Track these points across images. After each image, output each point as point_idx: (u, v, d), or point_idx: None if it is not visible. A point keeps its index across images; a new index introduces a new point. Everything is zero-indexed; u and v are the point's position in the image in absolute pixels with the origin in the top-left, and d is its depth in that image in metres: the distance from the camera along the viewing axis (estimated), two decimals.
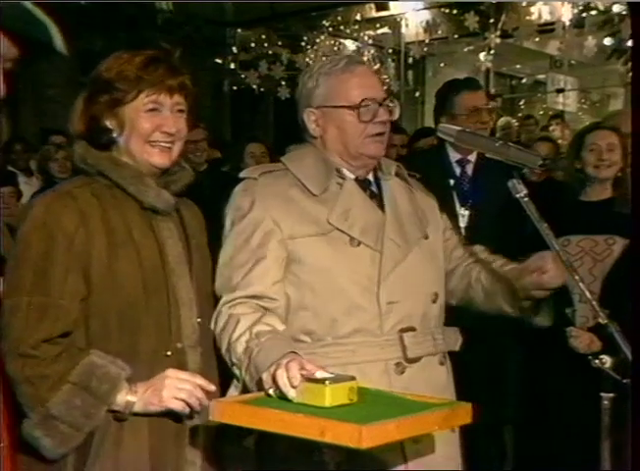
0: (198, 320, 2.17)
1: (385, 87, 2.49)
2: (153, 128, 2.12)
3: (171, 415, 2.05)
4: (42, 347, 1.95)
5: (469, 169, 4.06)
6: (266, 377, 1.97)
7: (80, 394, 1.95)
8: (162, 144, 2.14)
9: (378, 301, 2.25)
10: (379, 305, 2.25)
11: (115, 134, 2.14)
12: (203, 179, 5.86)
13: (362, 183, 2.38)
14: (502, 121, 8.50)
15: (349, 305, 2.24)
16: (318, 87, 2.35)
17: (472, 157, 4.05)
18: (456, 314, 2.55)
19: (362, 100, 2.29)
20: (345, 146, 2.33)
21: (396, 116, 2.39)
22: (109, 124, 2.14)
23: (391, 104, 2.36)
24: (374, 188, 2.40)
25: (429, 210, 2.50)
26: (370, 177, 2.41)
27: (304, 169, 2.34)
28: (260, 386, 2.00)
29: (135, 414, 2.02)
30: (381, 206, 2.37)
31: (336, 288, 2.24)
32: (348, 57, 2.41)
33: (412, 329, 2.28)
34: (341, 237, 2.26)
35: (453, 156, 4.06)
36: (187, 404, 2.00)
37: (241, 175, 2.38)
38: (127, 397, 1.99)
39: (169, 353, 2.09)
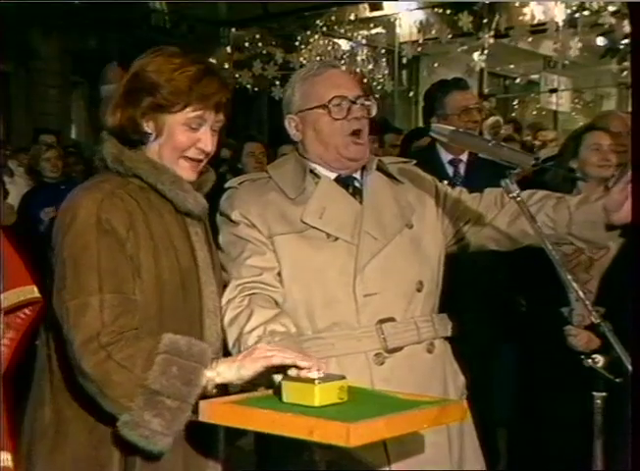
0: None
1: (361, 87, 2.47)
2: (190, 143, 2.04)
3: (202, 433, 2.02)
4: (123, 335, 1.87)
5: (462, 169, 4.05)
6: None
7: (174, 362, 1.86)
8: (194, 159, 2.06)
9: (354, 294, 2.27)
10: (355, 298, 2.27)
11: (150, 139, 2.05)
12: None
13: (345, 181, 2.41)
14: (490, 120, 8.51)
15: (327, 299, 2.27)
16: (295, 95, 2.40)
17: (464, 157, 4.04)
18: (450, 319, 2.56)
19: (332, 98, 2.32)
20: (324, 147, 2.37)
21: (373, 113, 2.39)
22: (146, 126, 2.03)
23: (366, 102, 2.37)
24: (358, 184, 2.42)
25: (417, 198, 2.49)
26: (357, 174, 2.43)
27: (284, 174, 2.39)
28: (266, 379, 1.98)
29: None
30: (363, 201, 2.39)
31: (313, 283, 2.27)
32: (322, 62, 2.50)
33: (392, 319, 2.28)
34: (317, 234, 2.30)
35: (445, 156, 4.06)
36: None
37: (226, 185, 2.42)
38: (207, 374, 1.90)
39: None
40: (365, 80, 10.44)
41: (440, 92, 4.18)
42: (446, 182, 3.98)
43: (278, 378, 1.90)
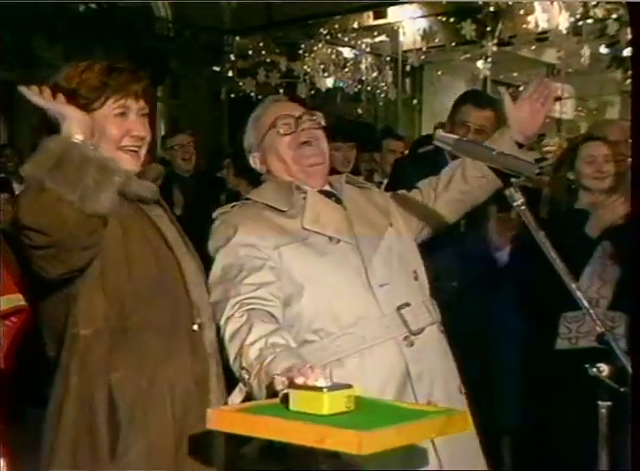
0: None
1: (305, 108, 2.65)
2: (123, 133, 2.17)
3: (193, 385, 2.13)
4: None
5: None
6: (280, 372, 2.00)
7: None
8: (132, 149, 2.18)
9: (370, 287, 2.41)
10: (372, 290, 2.41)
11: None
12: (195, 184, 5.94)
13: (325, 194, 2.57)
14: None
15: (347, 297, 2.40)
16: (250, 134, 2.63)
17: None
18: (452, 328, 2.62)
19: (277, 117, 2.54)
20: (286, 165, 2.54)
21: (322, 123, 2.58)
22: None
23: (313, 116, 2.57)
24: (336, 195, 2.59)
25: (385, 200, 2.70)
26: (327, 188, 2.60)
27: (269, 194, 2.53)
28: (269, 391, 2.02)
29: (157, 384, 2.07)
30: (346, 208, 2.56)
31: (330, 285, 2.40)
32: (265, 100, 2.74)
33: (408, 304, 2.43)
34: (319, 240, 2.44)
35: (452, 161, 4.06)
36: None
37: (215, 214, 2.53)
38: None
39: (195, 328, 2.16)
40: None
41: (458, 101, 4.19)
42: None
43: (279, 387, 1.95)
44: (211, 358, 2.21)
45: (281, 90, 11.05)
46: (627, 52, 8.67)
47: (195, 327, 2.15)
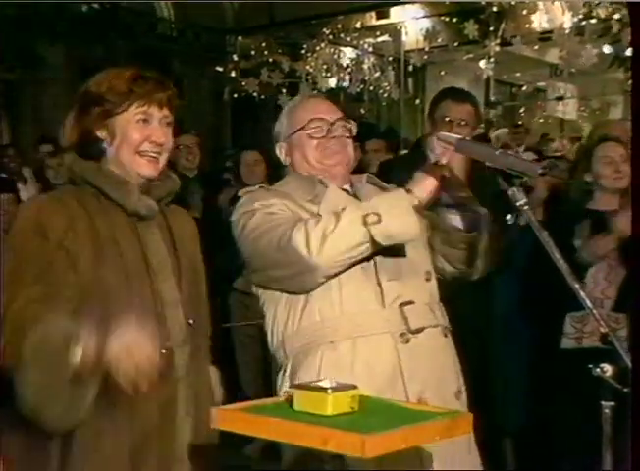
0: (190, 321, 2.27)
1: (341, 111, 2.66)
2: (143, 138, 2.23)
3: (156, 408, 2.13)
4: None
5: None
6: None
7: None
8: (151, 155, 2.24)
9: (378, 279, 2.44)
10: (379, 282, 2.44)
11: (106, 145, 2.25)
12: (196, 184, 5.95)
13: (344, 191, 2.59)
14: (499, 131, 8.52)
15: (353, 285, 2.43)
16: (282, 125, 2.67)
17: None
18: (457, 328, 2.62)
19: (310, 120, 2.56)
20: (310, 165, 2.58)
21: (354, 132, 2.62)
22: (100, 134, 2.24)
23: (347, 124, 2.60)
24: (355, 193, 2.61)
25: None
26: (347, 187, 2.61)
27: (293, 185, 2.58)
28: None
29: (117, 406, 2.08)
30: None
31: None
32: (303, 94, 2.69)
33: (412, 303, 2.45)
34: None
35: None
36: None
37: (240, 193, 2.61)
38: None
39: (163, 351, 2.14)
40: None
41: (436, 98, 4.20)
42: None
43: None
44: (180, 382, 2.23)
45: (283, 90, 11.06)
46: (630, 52, 8.67)
47: (164, 351, 2.14)
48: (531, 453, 4.07)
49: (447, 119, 3.99)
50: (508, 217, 3.64)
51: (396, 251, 2.44)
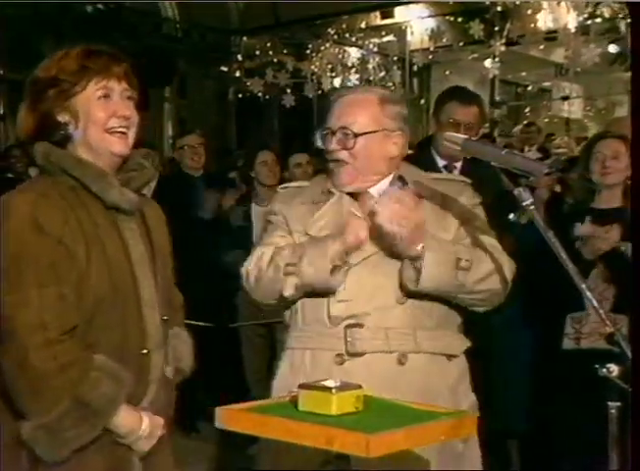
0: (165, 317, 2.20)
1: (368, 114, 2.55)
2: (108, 114, 2.13)
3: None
4: (69, 334, 1.96)
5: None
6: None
7: (104, 382, 1.99)
8: (119, 130, 2.14)
9: (329, 298, 2.47)
10: (328, 302, 2.47)
11: (70, 129, 2.13)
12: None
13: (357, 196, 2.55)
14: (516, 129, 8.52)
15: (313, 301, 2.50)
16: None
17: (458, 164, 4.01)
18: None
19: (325, 127, 2.57)
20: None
21: (348, 146, 2.51)
22: (62, 118, 2.12)
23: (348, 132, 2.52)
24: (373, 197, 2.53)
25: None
26: (374, 189, 2.54)
27: (308, 189, 2.65)
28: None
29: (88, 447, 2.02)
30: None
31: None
32: (347, 87, 2.70)
33: (360, 325, 2.44)
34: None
35: (440, 162, 4.03)
36: None
37: (278, 188, 2.76)
38: None
39: (144, 351, 2.11)
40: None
41: (442, 98, 4.19)
42: None
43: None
44: (152, 384, 2.16)
45: (288, 90, 11.07)
46: None
47: (145, 351, 2.11)
48: (533, 454, 4.06)
49: (452, 121, 3.98)
50: (511, 216, 3.65)
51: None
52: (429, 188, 2.56)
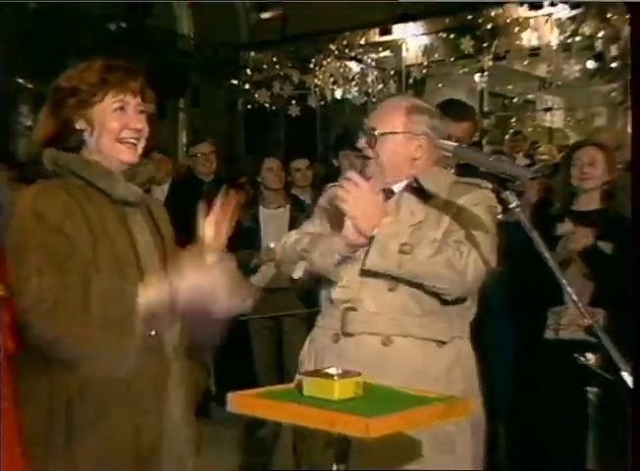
0: None
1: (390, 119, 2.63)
2: (122, 125, 2.15)
3: (151, 385, 2.09)
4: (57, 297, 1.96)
5: None
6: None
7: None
8: (130, 141, 2.17)
9: (337, 282, 2.60)
10: (334, 287, 2.61)
11: (85, 135, 2.17)
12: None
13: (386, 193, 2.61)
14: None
15: (328, 284, 2.64)
16: None
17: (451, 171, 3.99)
18: None
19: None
20: None
21: (371, 144, 2.62)
22: (79, 125, 2.16)
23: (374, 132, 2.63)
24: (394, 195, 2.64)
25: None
26: (397, 187, 2.64)
27: None
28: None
29: (117, 384, 2.02)
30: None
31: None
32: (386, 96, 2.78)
33: (353, 309, 2.55)
34: None
35: None
36: None
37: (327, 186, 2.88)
38: None
39: (152, 333, 2.08)
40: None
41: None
42: None
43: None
44: (173, 361, 2.16)
45: (293, 101, 11.07)
46: (614, 65, 8.68)
47: (153, 332, 2.08)
48: (518, 438, 4.07)
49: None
50: (499, 216, 3.66)
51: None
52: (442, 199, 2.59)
